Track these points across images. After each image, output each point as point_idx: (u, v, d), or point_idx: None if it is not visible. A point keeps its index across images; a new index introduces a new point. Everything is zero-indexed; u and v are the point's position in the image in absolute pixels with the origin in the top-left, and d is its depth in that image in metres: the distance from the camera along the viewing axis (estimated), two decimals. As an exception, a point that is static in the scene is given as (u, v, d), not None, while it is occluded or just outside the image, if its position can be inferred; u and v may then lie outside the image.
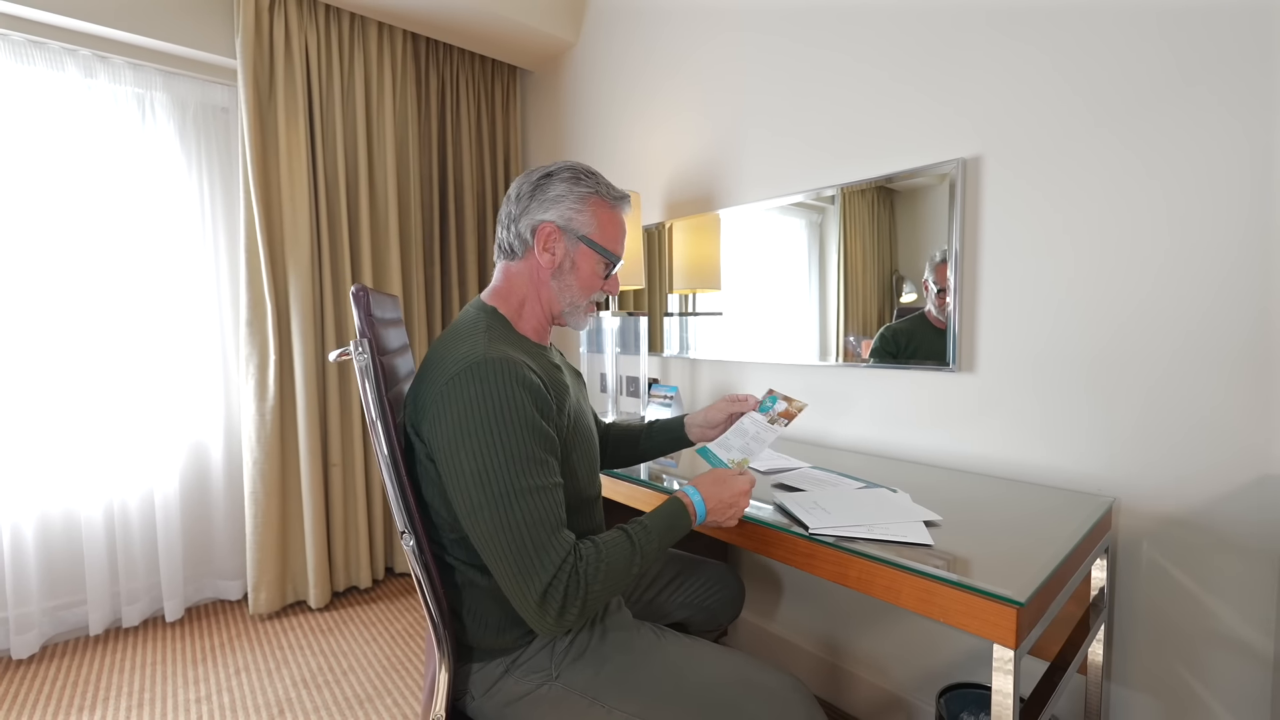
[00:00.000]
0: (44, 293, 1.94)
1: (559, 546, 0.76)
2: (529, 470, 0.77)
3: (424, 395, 0.82)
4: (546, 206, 0.92)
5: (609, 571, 0.78)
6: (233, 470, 2.29)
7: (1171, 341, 1.10)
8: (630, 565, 0.81)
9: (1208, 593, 1.08)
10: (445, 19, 2.27)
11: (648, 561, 0.83)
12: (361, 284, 0.86)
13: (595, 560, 0.78)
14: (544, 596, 0.74)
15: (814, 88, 1.62)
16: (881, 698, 1.56)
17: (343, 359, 0.86)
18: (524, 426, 0.77)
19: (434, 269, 2.54)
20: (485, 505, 0.75)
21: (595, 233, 0.94)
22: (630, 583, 0.82)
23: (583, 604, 0.76)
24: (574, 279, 0.95)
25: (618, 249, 0.98)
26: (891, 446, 1.51)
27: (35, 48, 1.89)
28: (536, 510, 0.76)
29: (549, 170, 0.95)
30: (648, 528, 0.85)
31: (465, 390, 0.77)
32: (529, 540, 0.75)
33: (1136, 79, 1.11)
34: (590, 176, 0.95)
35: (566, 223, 0.93)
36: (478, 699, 0.89)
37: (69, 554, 2.02)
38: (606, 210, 0.96)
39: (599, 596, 0.78)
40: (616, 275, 1.02)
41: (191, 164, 2.18)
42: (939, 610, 0.79)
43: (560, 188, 0.92)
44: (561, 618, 0.75)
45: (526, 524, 0.75)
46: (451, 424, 0.77)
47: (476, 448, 0.76)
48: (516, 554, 0.74)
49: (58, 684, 1.77)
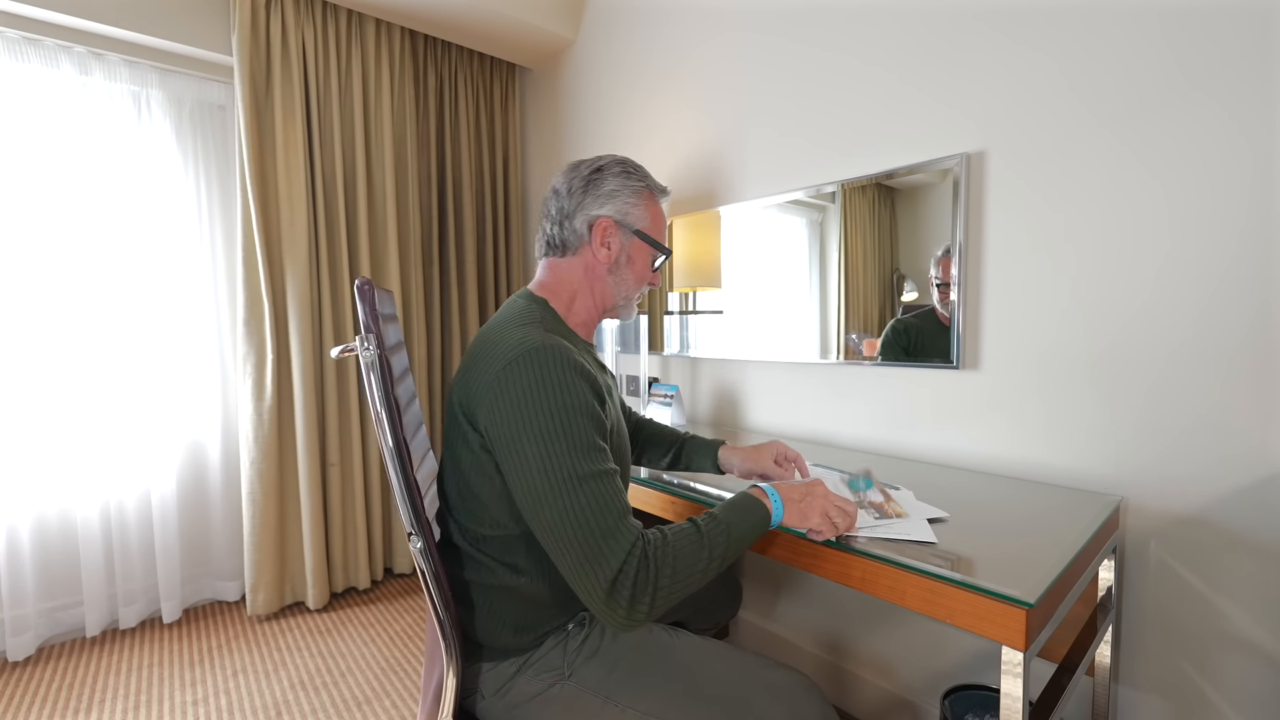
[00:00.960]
0: (40, 292, 1.92)
1: (627, 532, 0.73)
2: (592, 456, 0.75)
3: (477, 383, 0.80)
4: (602, 201, 0.92)
5: (677, 559, 0.74)
6: (230, 470, 2.27)
7: (1179, 338, 1.08)
8: (698, 554, 0.76)
9: (1217, 593, 1.07)
10: (444, 16, 2.25)
11: (718, 553, 0.77)
12: (365, 277, 0.84)
13: (663, 547, 0.74)
14: (613, 585, 0.71)
15: (815, 83, 1.61)
16: (885, 699, 1.54)
17: (345, 355, 0.84)
18: (583, 413, 0.76)
19: (433, 267, 2.53)
20: (549, 493, 0.73)
21: (649, 226, 0.96)
22: (703, 576, 0.76)
23: (653, 596, 0.72)
24: (629, 272, 0.96)
25: (665, 241, 1.01)
26: (894, 445, 1.50)
27: (30, 45, 1.88)
28: (602, 496, 0.74)
29: (599, 164, 0.94)
30: (716, 517, 0.80)
31: (523, 376, 0.76)
32: (596, 526, 0.72)
33: (1139, 77, 1.10)
34: (639, 170, 0.96)
35: (623, 217, 0.93)
36: (488, 699, 0.88)
37: (65, 555, 2.01)
38: (655, 204, 0.98)
39: (669, 588, 0.74)
40: (660, 268, 1.02)
41: (188, 162, 2.16)
42: (945, 611, 0.77)
43: (614, 182, 0.93)
44: (633, 610, 0.72)
45: (593, 509, 0.73)
46: (511, 410, 0.75)
47: (539, 434, 0.74)
48: (584, 540, 0.72)
49: (54, 686, 1.76)
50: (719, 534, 0.78)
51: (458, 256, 2.60)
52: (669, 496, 1.19)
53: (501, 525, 0.85)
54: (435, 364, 2.54)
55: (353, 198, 2.28)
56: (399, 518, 2.47)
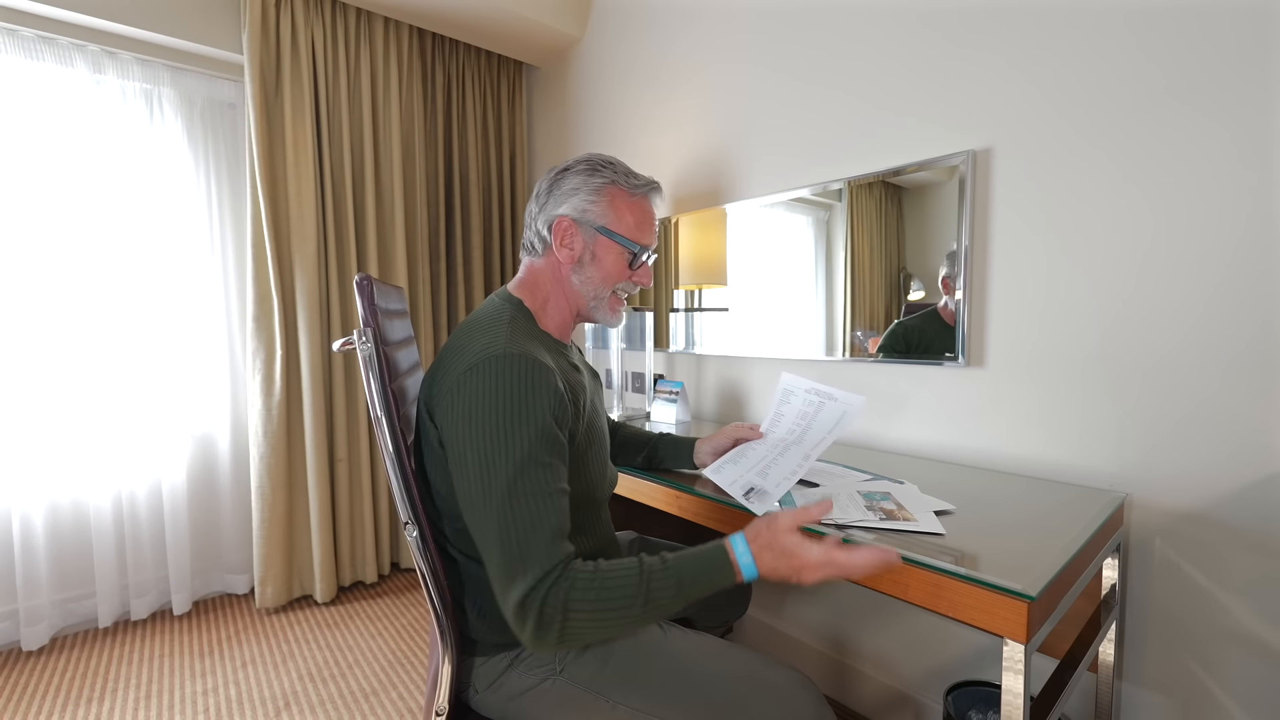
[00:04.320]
0: (54, 286, 1.95)
1: (548, 557, 0.72)
2: (531, 473, 0.74)
3: (441, 381, 0.81)
4: (561, 200, 0.91)
5: (602, 596, 0.71)
6: (239, 464, 2.30)
7: (1186, 336, 1.08)
8: (631, 597, 0.72)
9: (1222, 590, 1.07)
10: (451, 14, 2.26)
11: (657, 605, 0.72)
12: (365, 273, 0.85)
13: (587, 585, 0.71)
14: (521, 606, 0.70)
15: (821, 81, 1.61)
16: (888, 695, 1.55)
17: (346, 349, 0.86)
18: (534, 428, 0.75)
19: (439, 264, 2.55)
20: (484, 500, 0.74)
21: (613, 222, 0.92)
22: (638, 620, 0.72)
23: (562, 626, 0.70)
24: (595, 271, 0.93)
25: (641, 237, 0.94)
26: (899, 441, 1.50)
27: (44, 44, 1.90)
28: (532, 515, 0.73)
29: (567, 165, 0.94)
30: (668, 565, 0.74)
31: (482, 382, 0.76)
32: (518, 544, 0.72)
33: (1148, 73, 1.09)
34: (608, 166, 0.93)
35: (581, 215, 0.91)
36: (481, 693, 0.88)
37: (78, 546, 2.04)
38: (625, 199, 0.93)
39: (582, 627, 0.71)
40: (648, 266, 0.97)
41: (198, 160, 2.19)
42: (948, 605, 0.78)
43: (575, 180, 0.91)
44: (538, 635, 0.71)
45: (520, 527, 0.72)
46: (463, 413, 0.76)
47: (483, 441, 0.74)
48: (504, 555, 0.72)
49: (67, 675, 1.79)
50: (664, 582, 0.73)
51: (464, 253, 2.62)
52: (674, 491, 1.20)
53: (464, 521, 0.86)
54: (442, 360, 2.56)
55: (361, 195, 2.29)
56: (406, 513, 2.48)
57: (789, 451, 1.07)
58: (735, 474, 1.07)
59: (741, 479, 1.06)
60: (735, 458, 1.11)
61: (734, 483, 1.06)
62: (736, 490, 1.04)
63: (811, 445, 1.06)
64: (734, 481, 1.06)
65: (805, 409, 1.10)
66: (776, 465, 1.05)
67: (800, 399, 1.11)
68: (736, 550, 0.76)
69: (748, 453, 1.11)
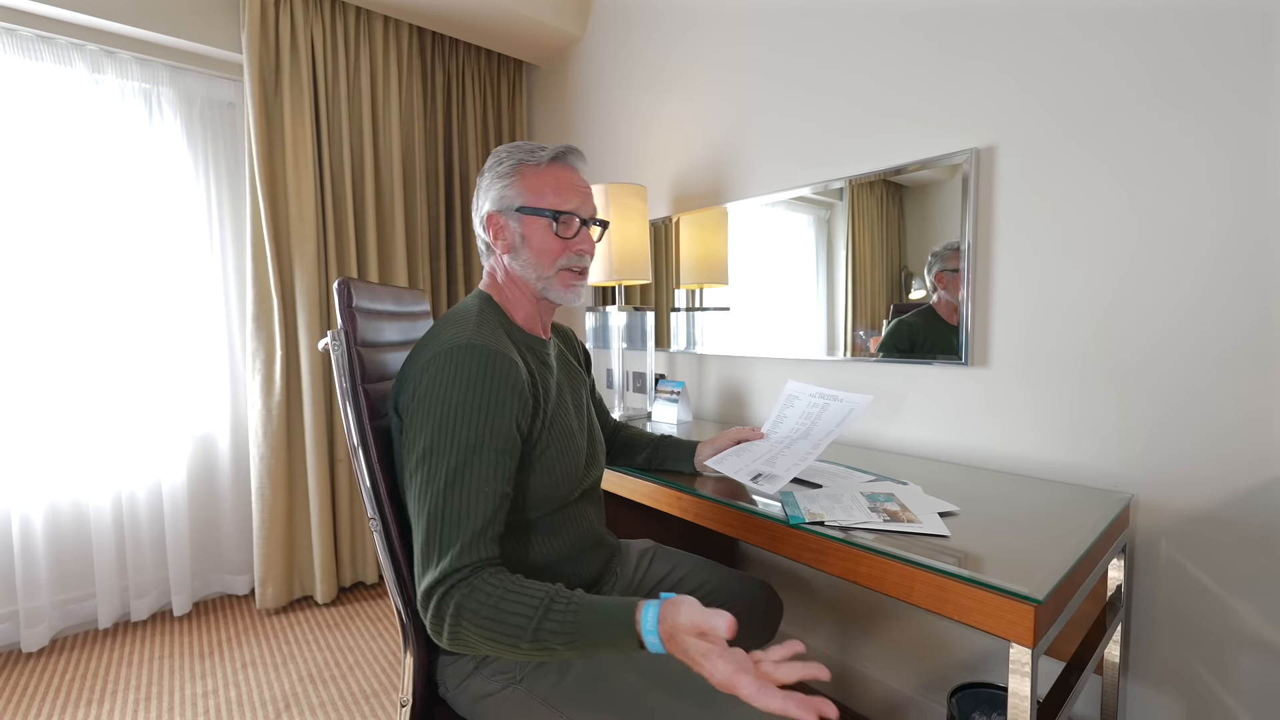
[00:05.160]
0: (53, 286, 1.94)
1: (463, 554, 0.71)
2: (474, 466, 0.75)
3: (405, 373, 0.83)
4: (484, 199, 0.93)
5: (490, 620, 0.68)
6: (240, 465, 2.30)
7: (1193, 336, 1.07)
8: (519, 633, 0.67)
9: (1228, 591, 1.06)
10: (451, 13, 2.25)
11: (545, 646, 0.67)
12: (344, 277, 0.88)
13: (485, 597, 0.69)
14: (425, 594, 0.71)
15: (823, 79, 1.60)
16: (891, 697, 1.54)
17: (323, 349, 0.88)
18: (484, 419, 0.76)
19: (439, 263, 2.54)
20: (425, 484, 0.75)
21: (530, 199, 0.90)
22: (518, 654, 0.69)
23: (451, 630, 0.69)
24: (528, 252, 0.91)
25: (560, 203, 0.90)
26: (901, 441, 1.49)
27: (43, 43, 1.89)
28: (464, 507, 0.73)
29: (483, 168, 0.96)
30: (572, 608, 0.68)
31: (441, 372, 0.77)
32: (442, 533, 0.72)
33: (1155, 68, 1.08)
34: (511, 150, 0.92)
35: (501, 204, 0.91)
36: (451, 690, 0.89)
37: (78, 547, 2.03)
38: (533, 171, 0.91)
39: (469, 636, 0.69)
40: (587, 231, 0.94)
41: (198, 159, 2.18)
42: (953, 608, 0.77)
43: (488, 176, 0.93)
44: (433, 629, 0.71)
45: (448, 516, 0.73)
46: (419, 400, 0.77)
47: (432, 427, 0.75)
48: (426, 540, 0.73)
49: (67, 677, 1.78)
50: (559, 622, 0.67)
51: (464, 252, 2.61)
52: (674, 492, 1.19)
53: None
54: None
55: (361, 194, 2.29)
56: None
57: (795, 444, 1.06)
58: (740, 464, 1.07)
59: (748, 467, 1.05)
60: (739, 451, 1.10)
61: (740, 470, 1.05)
62: (744, 476, 1.03)
63: (820, 437, 1.05)
64: (740, 469, 1.05)
65: (810, 410, 1.09)
66: (784, 455, 1.05)
67: (805, 402, 1.10)
68: (645, 623, 0.66)
69: (751, 448, 1.10)
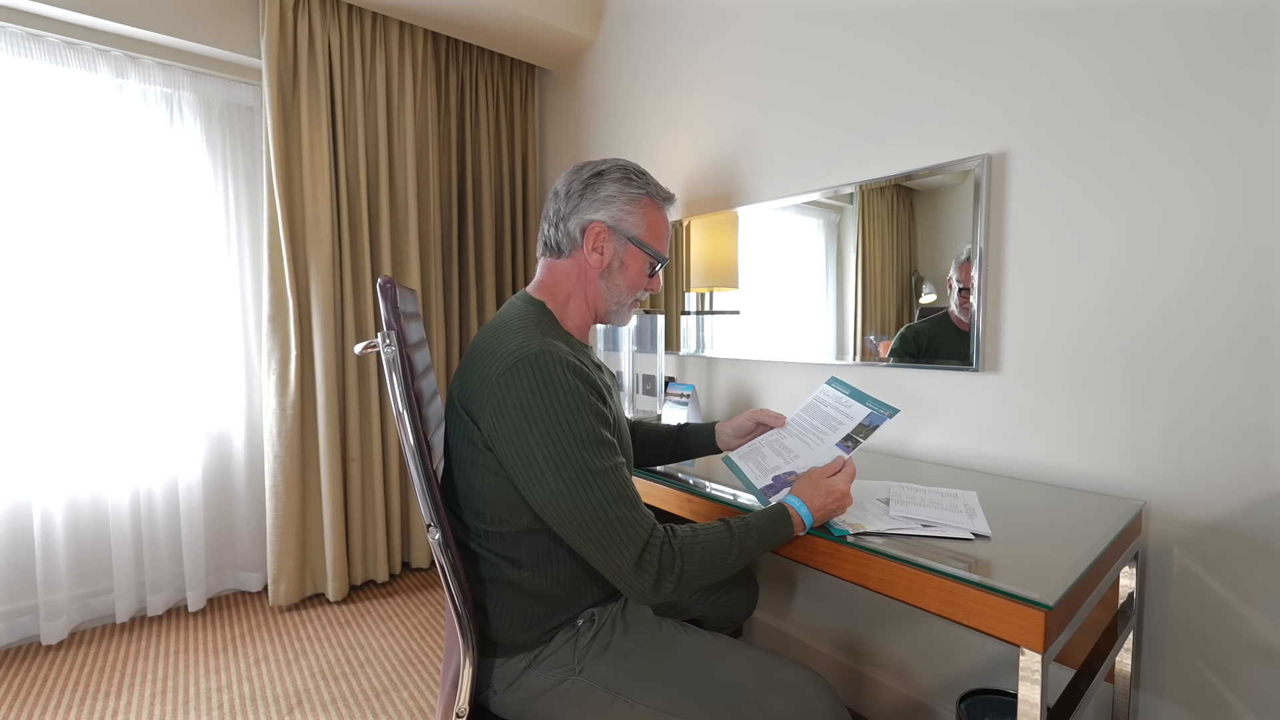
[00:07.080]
0: (75, 286, 1.99)
1: (644, 520, 0.78)
2: (599, 452, 0.78)
3: (477, 384, 0.82)
4: (598, 206, 0.93)
5: (706, 552, 0.80)
6: (254, 463, 2.33)
7: (1207, 343, 1.07)
8: (727, 552, 0.82)
9: (1242, 601, 1.05)
10: (466, 18, 2.28)
11: (747, 554, 0.84)
12: (388, 276, 0.87)
13: (691, 539, 0.80)
14: (640, 560, 0.76)
15: (833, 83, 1.60)
16: (900, 702, 1.54)
17: (369, 351, 0.87)
18: (587, 411, 0.79)
19: (452, 266, 2.56)
20: (565, 490, 0.77)
21: (645, 234, 0.95)
22: (729, 571, 0.83)
23: (679, 576, 0.78)
24: (622, 279, 0.96)
25: (665, 249, 1.00)
26: (912, 447, 1.49)
27: (69, 49, 1.94)
28: (615, 487, 0.78)
29: (600, 169, 0.94)
30: (749, 524, 0.86)
31: (525, 381, 0.78)
32: (614, 515, 0.76)
33: (1167, 69, 1.08)
34: (640, 177, 0.95)
35: (617, 223, 0.93)
36: (500, 694, 0.89)
37: (97, 542, 2.07)
38: (656, 211, 0.97)
39: (695, 574, 0.79)
40: (659, 274, 1.02)
41: (216, 162, 2.22)
42: (963, 613, 0.77)
43: (612, 188, 0.93)
44: (659, 585, 0.77)
45: (609, 500, 0.77)
46: (515, 414, 0.78)
47: (546, 435, 0.77)
48: (603, 531, 0.76)
49: (85, 669, 1.82)
50: (749, 537, 0.84)
51: (476, 255, 2.63)
52: (686, 494, 1.20)
53: (503, 521, 0.86)
54: (454, 361, 2.57)
55: (375, 197, 2.32)
56: (417, 513, 2.50)
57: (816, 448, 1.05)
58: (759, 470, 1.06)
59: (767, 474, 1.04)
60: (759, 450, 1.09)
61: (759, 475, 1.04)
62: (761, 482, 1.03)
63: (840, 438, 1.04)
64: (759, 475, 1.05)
65: (833, 415, 1.08)
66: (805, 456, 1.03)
67: (833, 408, 1.09)
68: (795, 505, 0.90)
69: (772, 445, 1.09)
